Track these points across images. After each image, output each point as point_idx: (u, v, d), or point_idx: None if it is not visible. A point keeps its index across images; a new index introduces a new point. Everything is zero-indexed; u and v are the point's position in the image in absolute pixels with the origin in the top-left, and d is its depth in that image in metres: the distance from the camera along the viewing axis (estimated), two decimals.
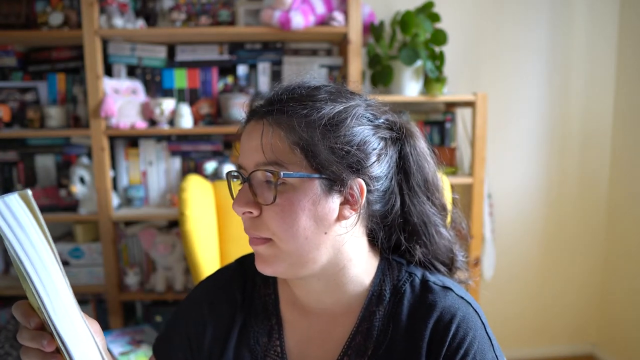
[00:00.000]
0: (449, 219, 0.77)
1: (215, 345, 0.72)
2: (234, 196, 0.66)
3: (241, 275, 0.77)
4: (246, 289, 0.75)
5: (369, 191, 0.64)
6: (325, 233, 0.63)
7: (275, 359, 0.69)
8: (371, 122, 0.65)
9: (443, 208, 0.73)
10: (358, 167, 0.62)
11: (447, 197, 0.77)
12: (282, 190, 0.60)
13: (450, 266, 0.75)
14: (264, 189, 0.61)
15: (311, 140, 0.59)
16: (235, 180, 0.66)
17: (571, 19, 2.19)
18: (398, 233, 0.70)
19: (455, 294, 0.67)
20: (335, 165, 0.60)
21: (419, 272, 0.70)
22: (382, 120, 0.67)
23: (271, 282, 0.75)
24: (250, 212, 0.62)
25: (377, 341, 0.66)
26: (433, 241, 0.71)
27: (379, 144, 0.65)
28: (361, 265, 0.69)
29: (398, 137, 0.68)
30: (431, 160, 0.71)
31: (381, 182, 0.65)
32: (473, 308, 0.67)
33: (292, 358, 0.70)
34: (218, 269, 0.81)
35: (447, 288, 0.68)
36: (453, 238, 0.76)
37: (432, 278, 0.69)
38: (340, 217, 0.63)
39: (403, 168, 0.68)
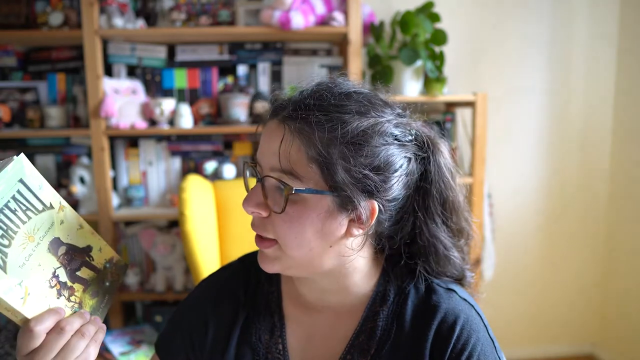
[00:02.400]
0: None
1: (217, 342, 0.72)
2: (248, 189, 0.66)
3: (244, 273, 0.77)
4: (249, 287, 0.75)
5: (380, 211, 0.62)
6: (331, 246, 0.62)
7: (277, 356, 0.69)
8: (399, 140, 0.62)
9: (460, 232, 0.70)
10: (374, 191, 0.60)
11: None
12: (293, 200, 0.59)
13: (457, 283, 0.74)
14: (275, 194, 0.61)
15: (330, 158, 0.57)
16: (250, 174, 0.66)
17: (571, 19, 2.19)
18: (402, 250, 0.68)
19: (459, 296, 0.67)
20: (350, 188, 0.58)
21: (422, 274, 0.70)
22: (410, 138, 0.64)
23: (275, 280, 0.75)
24: (259, 213, 0.62)
25: (381, 341, 0.66)
26: (442, 264, 0.69)
27: (402, 164, 0.62)
28: (365, 270, 0.69)
29: (424, 155, 0.65)
30: (454, 181, 0.68)
31: (395, 202, 0.63)
32: (476, 310, 0.67)
33: (294, 355, 0.70)
34: (221, 267, 0.82)
35: (450, 290, 0.68)
36: (465, 261, 0.73)
37: (435, 280, 0.70)
38: (348, 234, 0.62)
39: (422, 187, 0.65)
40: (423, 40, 1.84)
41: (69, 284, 0.61)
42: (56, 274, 0.59)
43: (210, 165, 1.94)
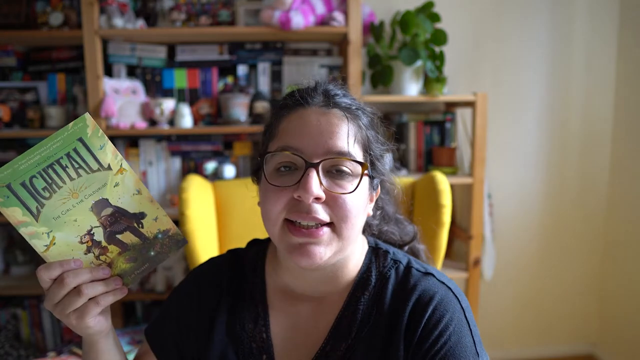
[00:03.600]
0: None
1: (202, 330, 0.74)
2: (270, 180, 0.64)
3: (231, 264, 0.80)
4: (233, 278, 0.77)
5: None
6: (361, 225, 0.68)
7: (260, 344, 0.71)
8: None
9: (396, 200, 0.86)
10: (382, 169, 0.72)
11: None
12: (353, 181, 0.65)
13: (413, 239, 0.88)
14: (332, 176, 0.64)
15: (369, 140, 0.68)
16: (284, 169, 0.65)
17: (571, 19, 2.19)
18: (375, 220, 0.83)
19: (437, 279, 0.69)
20: (381, 165, 0.70)
21: (404, 260, 0.73)
22: None
23: (259, 271, 0.77)
24: (321, 197, 0.62)
25: (361, 324, 0.68)
26: (393, 224, 0.86)
27: None
28: (358, 256, 0.73)
29: None
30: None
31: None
32: (453, 293, 0.68)
33: (277, 343, 0.71)
34: (210, 258, 0.84)
35: (428, 274, 0.70)
36: (414, 229, 0.89)
37: (415, 265, 0.72)
38: (366, 211, 0.70)
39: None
40: (423, 40, 1.84)
41: (104, 244, 0.63)
42: (91, 232, 0.62)
43: (210, 165, 1.94)
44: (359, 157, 0.65)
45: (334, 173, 0.63)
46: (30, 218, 0.58)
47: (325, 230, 0.63)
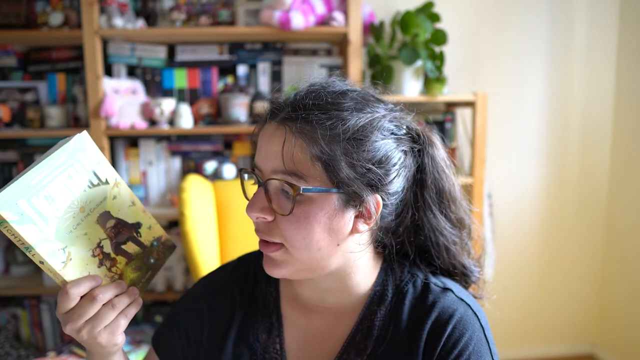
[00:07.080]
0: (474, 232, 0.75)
1: (213, 340, 0.72)
2: (247, 195, 0.65)
3: (241, 273, 0.78)
4: (246, 286, 0.76)
5: (384, 205, 0.63)
6: (338, 245, 0.62)
7: (274, 356, 0.70)
8: (394, 134, 0.63)
9: (460, 223, 0.71)
10: (377, 185, 0.61)
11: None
12: (299, 201, 0.59)
13: (462, 281, 0.74)
14: (280, 197, 0.61)
15: (333, 155, 0.58)
16: (248, 178, 0.66)
17: (571, 19, 2.19)
18: (407, 245, 0.69)
19: (455, 295, 0.67)
20: (356, 183, 0.59)
21: (421, 273, 0.70)
22: (404, 132, 0.65)
23: (273, 280, 0.75)
24: (264, 218, 0.61)
25: (377, 340, 0.66)
26: (444, 257, 0.71)
27: (400, 158, 0.63)
28: (366, 269, 0.69)
29: (419, 148, 0.67)
30: (449, 172, 0.69)
31: (396, 196, 0.64)
32: (472, 310, 0.66)
33: (291, 355, 0.70)
34: (219, 267, 0.82)
35: (447, 289, 0.68)
36: (471, 256, 0.74)
37: (433, 279, 0.69)
38: (354, 230, 0.62)
39: (419, 179, 0.67)
40: (423, 40, 1.84)
41: (112, 255, 0.64)
42: (100, 245, 0.63)
43: (210, 165, 1.95)
44: (317, 176, 0.58)
45: (285, 192, 0.60)
46: (46, 234, 0.57)
47: (278, 247, 0.62)
